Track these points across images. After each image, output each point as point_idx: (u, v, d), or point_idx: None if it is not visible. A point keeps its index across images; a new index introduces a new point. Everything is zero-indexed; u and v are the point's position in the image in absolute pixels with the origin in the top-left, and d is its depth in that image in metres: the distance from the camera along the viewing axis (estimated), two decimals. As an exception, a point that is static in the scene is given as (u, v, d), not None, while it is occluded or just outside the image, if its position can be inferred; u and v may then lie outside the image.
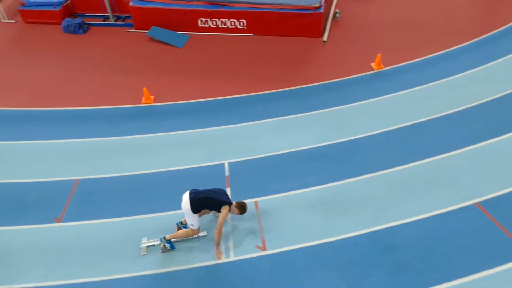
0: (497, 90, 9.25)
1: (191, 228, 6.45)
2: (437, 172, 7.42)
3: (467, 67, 10.07)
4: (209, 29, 12.08)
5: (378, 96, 9.38)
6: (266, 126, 8.71)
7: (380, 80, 9.92)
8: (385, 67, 10.30)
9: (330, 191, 7.19)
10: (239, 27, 11.92)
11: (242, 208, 6.37)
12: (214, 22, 11.97)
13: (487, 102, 9.00)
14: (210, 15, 11.89)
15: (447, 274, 5.93)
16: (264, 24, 11.72)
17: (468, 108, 8.85)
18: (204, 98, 9.60)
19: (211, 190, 6.37)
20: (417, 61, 10.44)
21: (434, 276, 5.91)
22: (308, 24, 11.48)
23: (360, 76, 10.08)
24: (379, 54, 10.32)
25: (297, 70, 10.42)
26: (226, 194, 6.40)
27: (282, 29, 11.65)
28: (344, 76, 10.06)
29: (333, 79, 10.01)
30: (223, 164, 7.85)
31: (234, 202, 6.40)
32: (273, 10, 11.56)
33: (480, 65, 10.09)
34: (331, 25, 11.99)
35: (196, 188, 6.45)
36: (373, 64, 10.37)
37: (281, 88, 9.77)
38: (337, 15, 12.22)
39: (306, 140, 8.25)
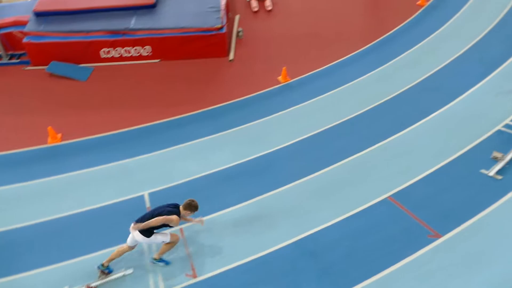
0: (394, 89, 10.04)
1: (169, 242, 6.34)
2: (350, 173, 7.86)
3: (366, 70, 10.82)
4: (113, 59, 11.87)
5: (288, 108, 9.76)
6: (182, 151, 8.70)
7: (288, 92, 10.34)
8: (292, 79, 10.76)
9: (252, 207, 7.33)
10: (144, 54, 11.84)
11: (190, 206, 6.17)
12: (118, 51, 11.79)
13: (387, 100, 9.73)
14: (113, 45, 11.69)
15: (371, 268, 6.28)
16: (169, 48, 11.75)
17: (371, 109, 9.51)
18: (114, 130, 9.38)
19: (152, 211, 6.23)
20: (320, 70, 11.04)
21: (359, 272, 6.23)
22: (213, 45, 11.69)
23: (269, 90, 10.44)
24: (284, 67, 10.77)
25: (208, 91, 10.55)
26: (170, 205, 6.23)
27: (188, 52, 11.75)
28: (254, 92, 10.36)
29: (243, 96, 10.26)
30: (142, 196, 7.71)
31: (180, 206, 6.23)
32: (176, 34, 11.64)
33: (377, 67, 10.90)
34: (235, 43, 12.31)
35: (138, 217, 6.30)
36: (279, 78, 10.79)
37: (193, 111, 9.83)
38: (240, 33, 12.58)
39: (224, 160, 8.36)
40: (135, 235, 6.22)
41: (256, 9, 13.85)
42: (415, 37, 11.95)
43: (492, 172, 7.69)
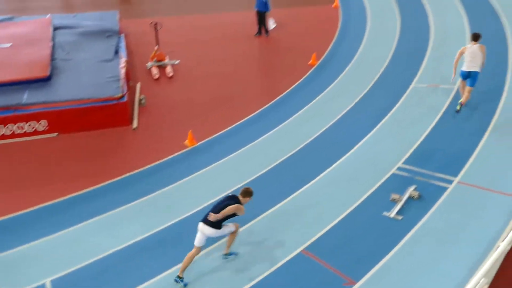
0: (295, 144, 10.65)
1: (234, 231, 7.20)
2: (261, 233, 8.01)
3: (268, 128, 11.40)
4: (4, 136, 11.18)
5: (196, 172, 9.86)
6: (90, 227, 8.29)
7: (196, 155, 10.47)
8: (198, 142, 10.94)
9: (171, 277, 7.12)
10: (40, 129, 11.33)
11: (247, 192, 7.05)
12: (9, 128, 11.15)
13: (289, 156, 10.26)
14: (3, 122, 11.07)
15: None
16: (67, 121, 11.40)
17: (275, 166, 9.94)
18: (8, 214, 8.67)
19: (216, 205, 7.00)
20: (226, 131, 11.39)
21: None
22: (114, 115, 11.58)
23: (176, 155, 10.49)
24: (190, 131, 10.95)
25: (112, 161, 10.31)
26: (230, 197, 7.08)
27: (88, 124, 11.49)
28: (161, 159, 10.33)
29: (150, 164, 10.18)
30: (43, 285, 7.10)
31: (239, 196, 7.07)
32: (74, 106, 11.37)
33: (278, 125, 11.52)
34: (138, 111, 12.31)
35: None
36: (186, 142, 10.92)
37: (98, 184, 9.51)
38: (143, 101, 12.64)
39: (136, 231, 8.11)
40: (205, 231, 6.90)
41: (157, 76, 14.09)
42: (309, 94, 12.93)
43: (393, 214, 8.34)
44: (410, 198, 8.71)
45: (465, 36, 15.51)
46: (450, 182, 9.08)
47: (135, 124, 11.73)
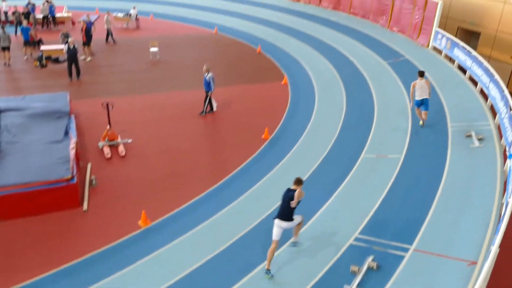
0: (250, 221, 10.60)
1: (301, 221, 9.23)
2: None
3: (223, 205, 11.32)
4: None
5: (152, 252, 9.54)
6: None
7: (150, 236, 10.17)
8: (152, 221, 10.67)
9: None
10: (-19, 215, 10.70)
11: (299, 181, 8.66)
12: None
13: (245, 233, 10.17)
14: None
15: None
16: (11, 207, 10.87)
17: (230, 245, 9.81)
18: None
19: (283, 201, 8.70)
20: (180, 209, 11.22)
21: None
22: (63, 197, 11.20)
23: (130, 237, 10.15)
24: (143, 211, 10.70)
25: (61, 247, 9.81)
26: (289, 189, 8.72)
27: (36, 208, 11.01)
28: (113, 241, 9.95)
29: (103, 247, 9.76)
30: None
31: (293, 185, 8.71)
32: (20, 190, 10.92)
33: (231, 202, 11.49)
34: (89, 192, 11.97)
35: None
36: (140, 222, 10.63)
37: (47, 272, 8.95)
38: (94, 181, 12.36)
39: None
40: (282, 225, 8.67)
41: (109, 156, 13.92)
42: (263, 169, 13.12)
43: (354, 286, 8.30)
44: (369, 269, 8.75)
45: (406, 107, 16.60)
46: (407, 250, 9.24)
47: (85, 206, 11.36)
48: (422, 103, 14.60)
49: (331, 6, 32.38)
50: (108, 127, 14.55)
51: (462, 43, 20.35)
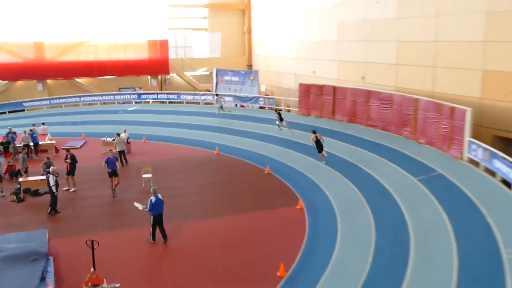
0: None
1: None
2: None
3: None
4: None
5: None
6: None
7: None
8: None
9: None
10: None
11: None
12: None
13: None
14: None
15: None
16: None
17: None
18: None
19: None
20: None
21: None
22: None
23: None
24: None
25: None
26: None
27: None
28: None
29: None
30: None
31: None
32: None
33: None
34: None
35: None
36: None
37: None
38: None
39: None
40: None
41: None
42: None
43: None
44: None
45: (448, 235, 16.22)
46: None
47: None
48: None
49: (346, 119, 33.59)
50: (92, 269, 14.19)
51: (502, 154, 20.51)
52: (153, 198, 17.02)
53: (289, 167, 25.65)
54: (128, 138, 30.75)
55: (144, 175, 23.80)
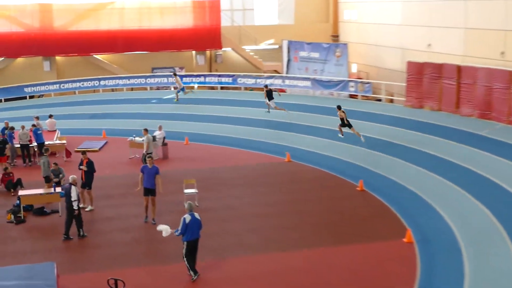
0: None
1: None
2: None
3: None
4: None
5: None
6: None
7: None
8: None
9: None
10: None
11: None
12: None
13: None
14: None
15: None
16: None
17: None
18: None
19: None
20: None
21: None
22: None
23: None
24: None
25: None
26: None
27: None
28: None
29: None
30: None
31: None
32: None
33: None
34: None
35: None
36: None
37: None
38: None
39: None
40: None
41: None
42: None
43: None
44: None
45: None
46: None
47: None
48: None
49: (476, 113, 32.72)
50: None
51: None
52: (187, 217, 16.69)
53: (388, 180, 25.35)
54: (164, 138, 31.20)
55: (186, 190, 23.95)
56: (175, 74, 43.19)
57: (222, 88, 46.50)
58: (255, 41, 50.68)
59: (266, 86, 37.46)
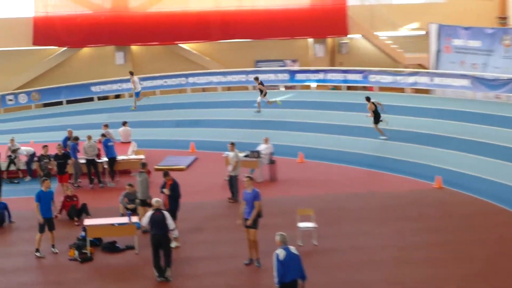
0: None
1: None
2: None
3: None
4: None
5: None
6: None
7: None
8: None
9: None
10: None
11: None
12: None
13: None
14: None
15: None
16: None
17: None
18: None
19: None
20: None
21: None
22: None
23: None
24: None
25: None
26: None
27: None
28: None
29: None
30: None
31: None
32: None
33: None
34: None
35: None
36: None
37: None
38: None
39: None
40: None
41: None
42: None
43: None
44: None
45: None
46: None
47: None
48: None
49: None
50: None
51: None
52: (280, 253, 15.98)
53: None
54: (271, 153, 31.39)
55: (300, 224, 23.88)
56: (131, 73, 42.73)
57: (349, 88, 46.09)
58: (393, 25, 50.29)
59: (257, 78, 38.38)
